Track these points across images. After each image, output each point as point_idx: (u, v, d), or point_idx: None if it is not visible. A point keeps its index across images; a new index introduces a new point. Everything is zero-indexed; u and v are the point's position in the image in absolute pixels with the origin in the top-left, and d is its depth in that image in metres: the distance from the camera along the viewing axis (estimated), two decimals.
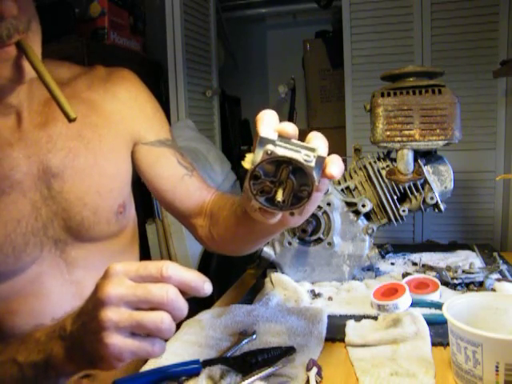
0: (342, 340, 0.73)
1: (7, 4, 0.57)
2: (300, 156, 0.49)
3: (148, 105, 0.85)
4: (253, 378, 0.62)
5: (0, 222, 0.67)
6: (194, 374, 0.64)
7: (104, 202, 0.76)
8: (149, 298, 0.47)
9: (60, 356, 0.53)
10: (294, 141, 0.51)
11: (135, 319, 0.47)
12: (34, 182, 0.70)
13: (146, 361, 0.71)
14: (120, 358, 0.47)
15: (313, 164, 0.49)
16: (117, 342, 0.47)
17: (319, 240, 1.00)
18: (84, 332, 0.50)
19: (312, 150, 0.51)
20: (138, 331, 0.48)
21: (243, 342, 0.73)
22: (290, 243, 1.00)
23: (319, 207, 0.98)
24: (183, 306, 0.49)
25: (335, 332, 0.76)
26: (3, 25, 0.57)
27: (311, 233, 0.98)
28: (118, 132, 0.79)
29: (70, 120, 0.58)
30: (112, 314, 0.47)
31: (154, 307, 0.48)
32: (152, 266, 0.49)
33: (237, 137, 2.82)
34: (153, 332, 0.48)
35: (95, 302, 0.48)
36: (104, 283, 0.48)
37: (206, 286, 0.50)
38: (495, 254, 1.12)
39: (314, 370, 0.62)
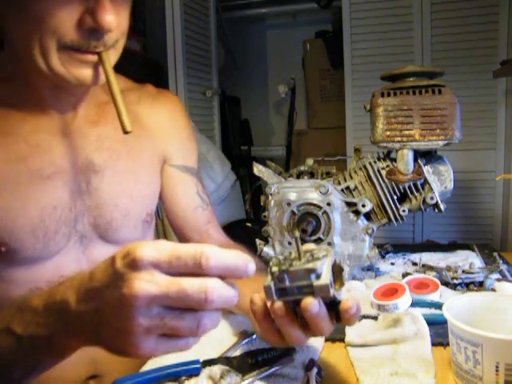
0: (342, 340, 0.73)
1: (110, 19, 0.60)
2: None
3: (184, 131, 0.91)
4: (253, 378, 0.62)
5: (38, 205, 0.70)
6: (194, 374, 0.64)
7: (135, 207, 0.80)
8: (185, 301, 0.41)
9: (63, 332, 0.47)
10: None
11: (167, 325, 0.42)
12: (76, 174, 0.73)
13: (146, 361, 0.71)
14: (150, 356, 0.45)
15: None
16: (148, 345, 0.42)
17: (319, 240, 1.00)
18: (101, 322, 0.43)
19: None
20: (171, 334, 0.43)
21: (243, 342, 0.73)
22: (290, 243, 1.00)
23: (319, 207, 0.98)
24: (229, 298, 0.42)
25: (335, 332, 0.75)
26: (97, 39, 0.62)
27: (311, 233, 0.98)
28: (155, 146, 0.85)
29: (126, 132, 0.62)
30: (142, 320, 0.41)
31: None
32: (188, 256, 0.41)
33: (237, 137, 2.82)
34: (187, 336, 0.43)
35: (121, 298, 0.41)
36: (132, 277, 0.40)
37: (249, 268, 0.43)
38: (495, 254, 1.12)
39: (314, 370, 0.62)
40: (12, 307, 0.52)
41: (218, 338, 0.76)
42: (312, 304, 0.50)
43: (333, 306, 0.54)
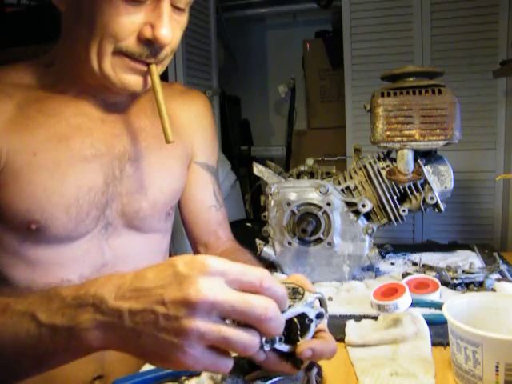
0: (342, 340, 0.73)
1: (167, 34, 0.64)
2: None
3: (210, 129, 0.94)
4: (253, 379, 0.62)
5: (74, 184, 0.72)
6: (195, 374, 0.64)
7: (162, 199, 0.82)
8: (247, 314, 0.42)
9: (89, 329, 0.45)
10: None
11: (223, 336, 0.42)
12: (112, 159, 0.76)
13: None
14: (191, 368, 0.44)
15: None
16: (196, 353, 0.42)
17: (319, 240, 1.00)
18: (146, 322, 0.42)
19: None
20: (220, 345, 0.43)
21: None
22: (289, 243, 1.00)
23: (319, 207, 0.98)
24: (281, 323, 0.45)
25: (335, 332, 0.75)
26: (150, 50, 0.66)
27: (311, 233, 0.98)
28: (184, 143, 0.87)
29: (168, 141, 0.67)
30: (200, 324, 0.41)
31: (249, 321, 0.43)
32: (252, 274, 0.44)
33: (237, 137, 2.82)
34: (238, 350, 0.44)
35: (184, 298, 0.41)
36: (200, 281, 0.41)
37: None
38: (495, 253, 1.12)
39: (314, 370, 0.62)
40: (41, 294, 0.51)
41: None
42: (255, 354, 0.49)
43: (288, 355, 0.53)
